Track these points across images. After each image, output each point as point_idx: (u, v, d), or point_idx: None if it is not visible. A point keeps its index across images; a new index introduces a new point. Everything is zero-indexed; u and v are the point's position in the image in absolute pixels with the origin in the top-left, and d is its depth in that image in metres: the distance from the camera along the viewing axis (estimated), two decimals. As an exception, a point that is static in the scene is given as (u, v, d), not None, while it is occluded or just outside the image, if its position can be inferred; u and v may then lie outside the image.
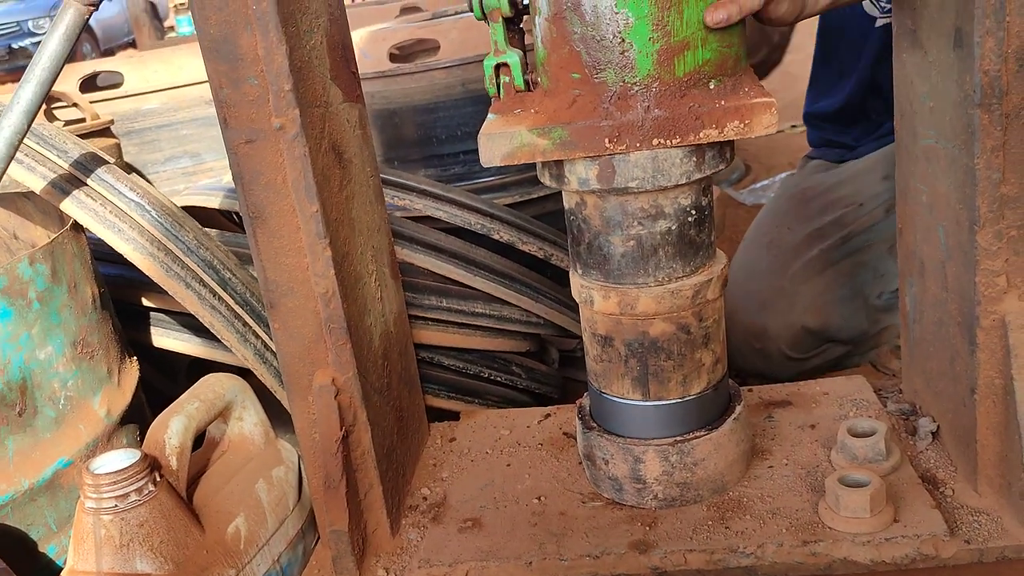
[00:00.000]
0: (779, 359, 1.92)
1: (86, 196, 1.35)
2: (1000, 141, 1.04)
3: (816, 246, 1.94)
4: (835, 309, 1.90)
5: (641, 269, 1.17)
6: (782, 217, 2.06)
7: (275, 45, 1.06)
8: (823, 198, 2.02)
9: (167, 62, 2.96)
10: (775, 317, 1.90)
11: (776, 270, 1.95)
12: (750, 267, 2.02)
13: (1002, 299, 1.10)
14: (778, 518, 1.19)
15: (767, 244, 2.02)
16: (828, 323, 1.90)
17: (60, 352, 1.25)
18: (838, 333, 1.92)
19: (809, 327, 1.89)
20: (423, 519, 1.32)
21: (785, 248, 1.97)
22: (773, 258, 1.98)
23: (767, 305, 1.92)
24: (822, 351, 1.95)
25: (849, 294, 1.92)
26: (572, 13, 1.06)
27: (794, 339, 1.90)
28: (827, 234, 1.95)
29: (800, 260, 1.94)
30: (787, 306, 1.90)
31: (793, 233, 1.99)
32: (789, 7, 1.19)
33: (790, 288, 1.91)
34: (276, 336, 1.21)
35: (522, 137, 1.09)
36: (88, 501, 1.08)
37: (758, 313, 1.91)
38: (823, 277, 1.92)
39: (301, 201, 1.13)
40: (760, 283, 1.95)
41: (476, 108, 2.45)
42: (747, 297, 1.94)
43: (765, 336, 1.91)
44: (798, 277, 1.92)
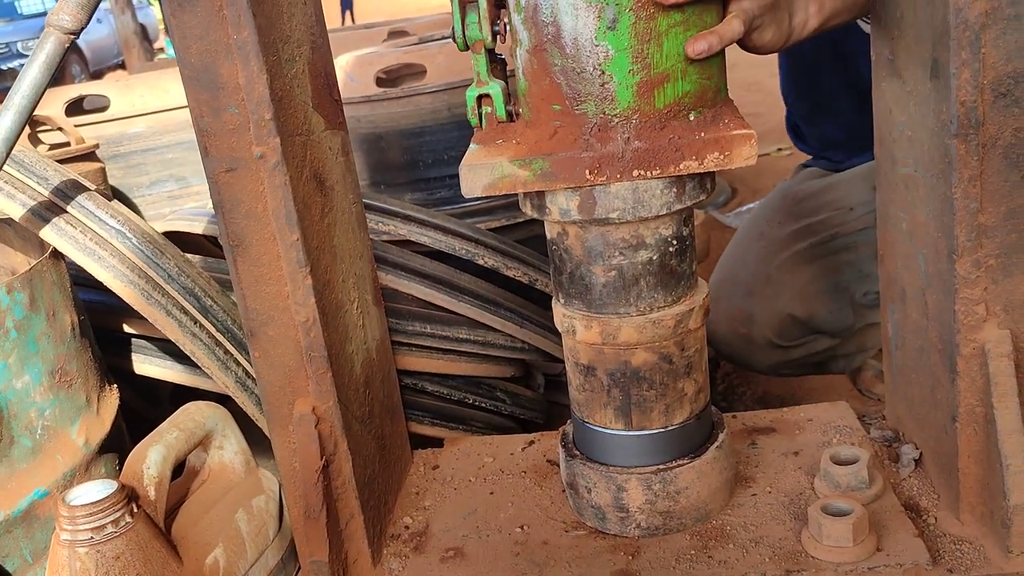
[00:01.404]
0: (764, 346, 1.92)
1: (66, 223, 1.34)
2: (977, 171, 1.04)
3: (805, 240, 1.95)
4: (821, 300, 1.91)
5: (623, 299, 1.17)
6: (773, 213, 2.07)
7: (256, 74, 1.06)
8: (815, 200, 2.03)
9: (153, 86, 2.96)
10: (761, 303, 1.90)
11: (763, 259, 1.96)
12: (738, 257, 2.03)
13: (981, 327, 1.10)
14: (761, 547, 1.19)
15: (756, 236, 2.03)
16: (814, 313, 1.91)
17: (38, 381, 1.24)
18: (823, 324, 1.92)
19: (795, 315, 1.90)
20: (405, 548, 1.30)
21: (773, 240, 1.98)
22: (761, 248, 1.98)
23: (753, 291, 1.92)
24: (807, 341, 1.95)
25: (834, 288, 1.92)
26: (552, 45, 1.06)
27: (780, 326, 1.90)
28: (815, 231, 1.96)
29: (788, 251, 1.95)
30: (773, 293, 1.91)
31: (782, 227, 2.00)
32: (775, 34, 1.19)
33: (777, 276, 1.92)
34: (256, 365, 1.20)
35: (503, 168, 1.09)
36: (63, 533, 1.07)
37: (744, 299, 1.92)
38: (810, 268, 1.92)
39: (282, 229, 1.13)
40: (746, 271, 1.96)
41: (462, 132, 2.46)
42: (733, 284, 1.95)
43: (751, 322, 1.91)
44: (785, 266, 1.93)
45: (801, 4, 1.20)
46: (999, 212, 1.06)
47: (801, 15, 1.21)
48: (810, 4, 1.21)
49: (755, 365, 2.02)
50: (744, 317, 1.92)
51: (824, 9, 1.23)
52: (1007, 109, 1.02)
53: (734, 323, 1.93)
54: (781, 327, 1.90)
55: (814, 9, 1.22)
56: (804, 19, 1.22)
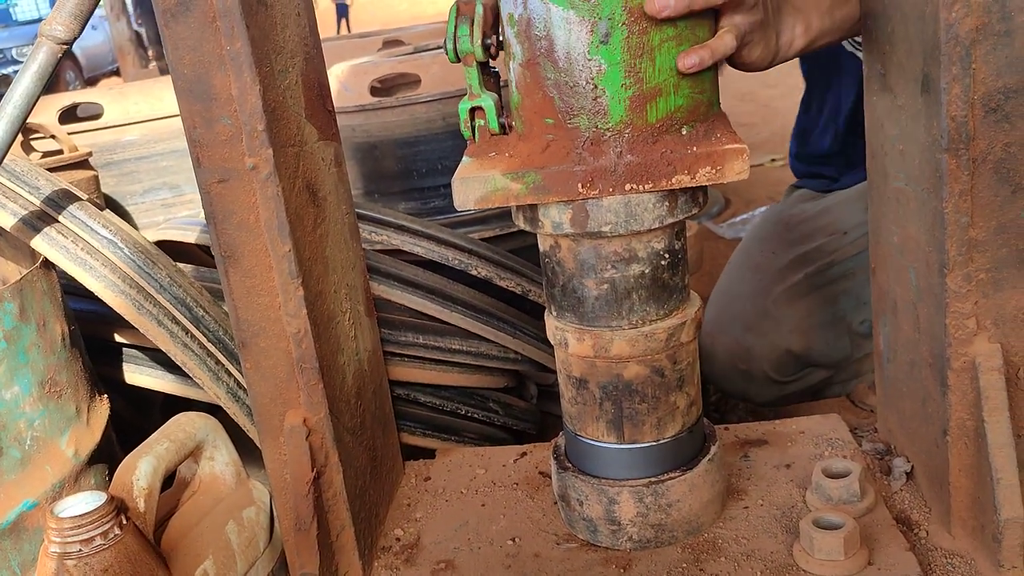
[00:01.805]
0: (763, 381, 1.93)
1: (57, 233, 1.34)
2: (968, 186, 1.05)
3: (800, 271, 1.95)
4: (818, 333, 1.91)
5: (615, 312, 1.17)
6: (766, 243, 2.07)
7: (248, 85, 1.06)
8: (808, 225, 2.03)
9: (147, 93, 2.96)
10: (760, 338, 1.90)
11: (760, 292, 1.96)
12: (734, 289, 2.03)
13: (972, 341, 1.10)
14: (752, 560, 1.19)
15: (751, 267, 2.03)
16: (811, 347, 1.91)
17: (27, 392, 1.23)
18: (821, 357, 1.93)
19: (793, 350, 1.90)
20: (396, 561, 1.30)
21: (769, 271, 1.98)
22: (757, 281, 1.99)
23: (752, 327, 1.92)
24: (804, 375, 1.96)
25: (832, 319, 1.92)
26: (545, 59, 1.07)
27: (778, 361, 1.90)
28: (811, 260, 1.97)
29: (784, 284, 1.95)
30: (771, 328, 1.91)
31: (777, 257, 2.00)
32: (763, 52, 1.20)
33: (774, 310, 1.92)
34: (248, 376, 1.20)
35: (496, 181, 1.09)
36: (52, 545, 1.06)
37: (743, 334, 1.92)
38: (806, 301, 1.93)
39: (274, 241, 1.13)
40: (744, 305, 1.96)
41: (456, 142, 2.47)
42: (732, 319, 1.95)
43: (749, 357, 1.91)
44: (782, 300, 1.93)
45: (788, 24, 1.21)
46: (990, 226, 1.06)
47: (787, 35, 1.23)
48: (796, 24, 1.22)
49: (752, 399, 2.02)
50: (743, 353, 1.92)
51: (811, 30, 1.24)
52: (997, 124, 1.02)
53: (733, 359, 1.93)
54: (779, 362, 1.90)
55: (800, 29, 1.23)
56: (790, 39, 1.23)
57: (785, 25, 1.21)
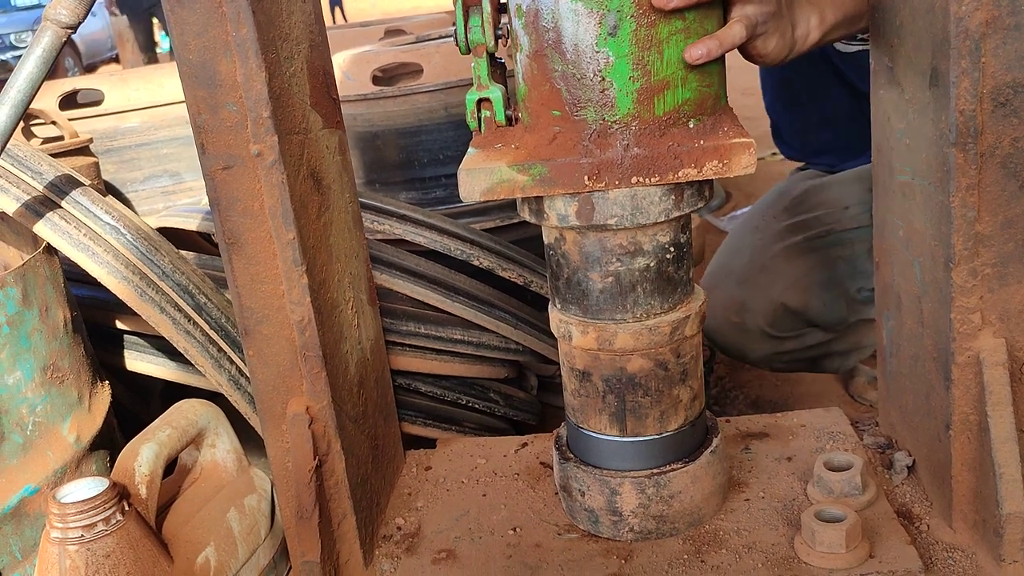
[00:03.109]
0: (757, 335, 1.92)
1: (60, 219, 1.33)
2: (975, 180, 1.04)
3: (799, 233, 1.96)
4: (815, 291, 1.91)
5: (619, 305, 1.17)
6: (768, 209, 2.08)
7: (254, 72, 1.06)
8: (810, 198, 2.04)
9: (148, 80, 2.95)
10: (755, 292, 1.90)
11: (758, 249, 1.96)
12: (733, 248, 2.04)
13: (977, 336, 1.10)
14: (754, 552, 1.19)
15: (751, 229, 2.04)
16: (808, 303, 1.91)
17: (29, 377, 1.23)
18: (817, 316, 1.92)
19: (788, 305, 1.90)
20: (397, 550, 1.30)
21: (768, 232, 1.99)
22: (756, 240, 1.99)
23: (747, 280, 1.92)
24: (801, 334, 1.95)
25: (828, 281, 1.92)
26: (553, 51, 1.06)
27: (773, 315, 1.90)
28: (810, 226, 1.97)
29: (782, 243, 1.95)
30: (767, 282, 1.91)
31: (777, 221, 2.01)
32: (779, 44, 1.19)
33: (771, 265, 1.92)
34: (250, 363, 1.20)
35: (502, 173, 1.09)
36: (54, 531, 1.06)
37: (737, 288, 1.92)
38: (804, 260, 1.93)
39: (278, 228, 1.12)
40: (740, 260, 1.96)
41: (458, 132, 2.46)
42: (727, 274, 1.95)
43: (744, 310, 1.91)
44: (779, 256, 1.93)
45: (803, 16, 1.21)
46: (996, 221, 1.06)
47: (803, 27, 1.22)
48: (812, 16, 1.22)
49: (748, 355, 2.02)
50: (737, 306, 1.92)
51: (825, 22, 1.23)
52: (1006, 119, 1.02)
53: (727, 312, 1.93)
54: (774, 317, 1.90)
55: (815, 22, 1.23)
56: (806, 31, 1.23)
57: (800, 18, 1.20)
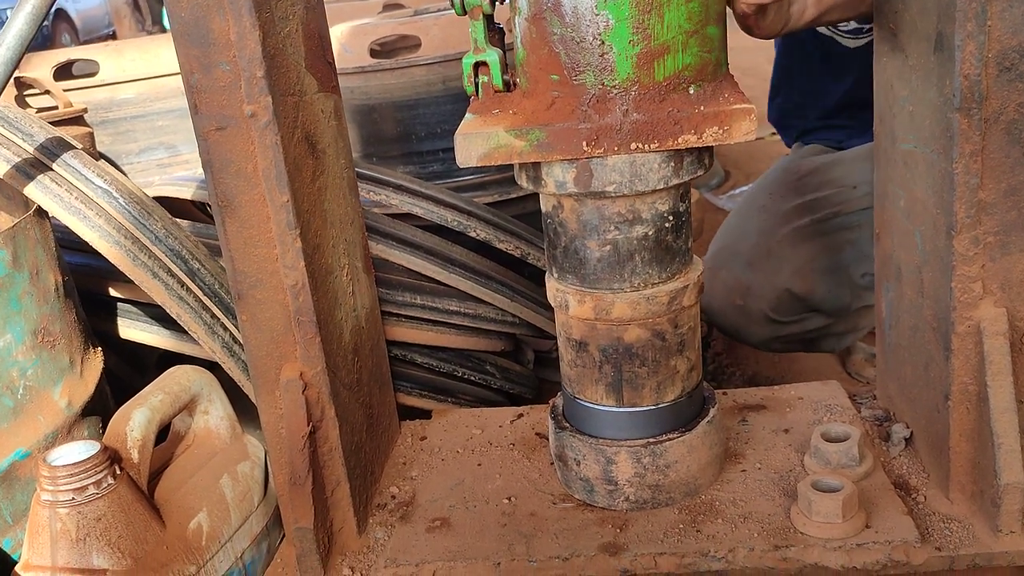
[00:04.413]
0: (759, 319, 1.92)
1: (51, 181, 1.31)
2: (979, 146, 1.03)
3: (806, 215, 1.94)
4: (820, 277, 1.90)
5: (617, 274, 1.16)
6: (774, 186, 2.06)
7: (248, 30, 1.04)
8: (818, 176, 2.02)
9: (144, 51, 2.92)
10: (760, 276, 1.89)
11: (764, 231, 1.95)
12: (738, 227, 2.02)
13: (978, 305, 1.09)
14: (750, 522, 1.18)
15: (757, 208, 2.02)
16: (812, 290, 1.90)
17: (20, 340, 1.21)
18: (821, 303, 1.92)
19: (793, 291, 1.89)
20: (391, 518, 1.29)
21: (775, 213, 1.97)
22: (762, 220, 1.97)
23: (753, 264, 1.91)
24: (802, 319, 1.95)
25: (833, 266, 1.91)
26: (552, 14, 1.04)
27: (778, 301, 1.89)
28: (818, 207, 1.95)
29: (789, 225, 1.93)
30: (773, 267, 1.90)
31: (784, 201, 1.99)
32: (775, 16, 1.19)
33: (777, 250, 1.91)
34: (243, 328, 1.18)
35: (499, 138, 1.07)
36: (44, 494, 1.05)
37: (743, 271, 1.91)
38: (811, 245, 1.91)
39: (272, 191, 1.11)
40: (747, 242, 1.95)
41: (456, 105, 2.44)
42: (733, 255, 1.94)
43: (748, 294, 1.90)
44: (786, 241, 1.92)
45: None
46: (999, 188, 1.05)
47: (800, 3, 1.21)
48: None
49: (748, 338, 2.01)
50: (742, 289, 1.91)
51: (822, 2, 1.22)
52: (1011, 84, 1.01)
53: (731, 294, 1.92)
54: (778, 302, 1.89)
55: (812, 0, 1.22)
56: (802, 8, 1.23)
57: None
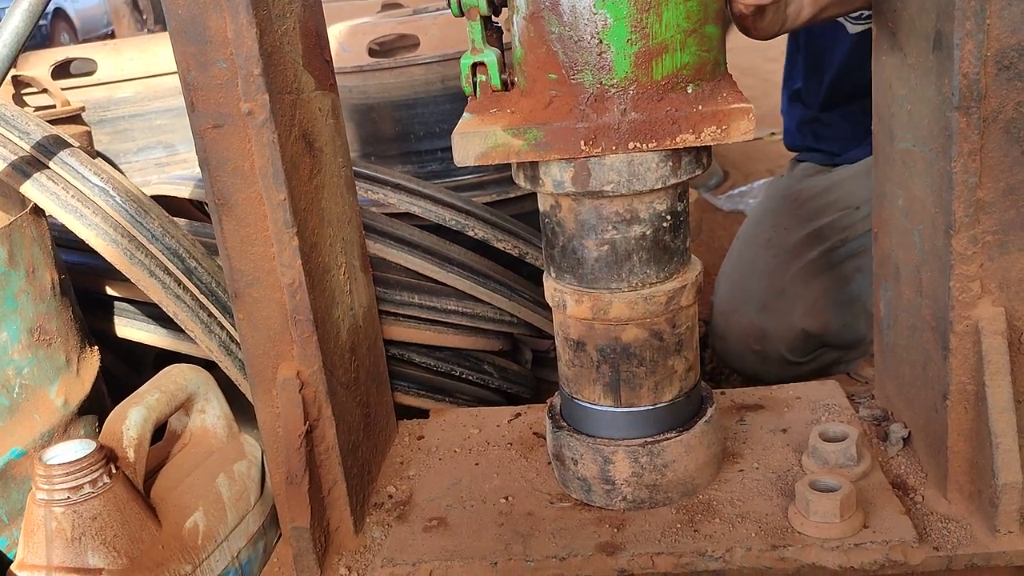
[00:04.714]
0: (777, 362, 1.91)
1: (48, 179, 1.31)
2: (977, 145, 1.03)
3: (816, 247, 1.93)
4: (834, 313, 1.89)
5: (615, 274, 1.15)
6: (778, 217, 2.05)
7: (245, 27, 1.04)
8: (819, 200, 2.01)
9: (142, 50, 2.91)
10: (775, 319, 1.88)
11: (775, 270, 1.93)
12: (747, 266, 2.00)
13: (976, 304, 1.09)
14: (747, 522, 1.18)
15: (764, 243, 2.01)
16: (827, 327, 1.89)
17: (16, 338, 1.21)
18: (836, 338, 1.91)
19: (809, 330, 1.88)
20: (388, 517, 1.29)
21: (784, 248, 1.96)
22: (771, 258, 1.96)
23: (767, 307, 1.90)
24: (818, 356, 1.94)
25: (847, 299, 1.90)
26: (550, 12, 1.04)
27: (793, 342, 1.88)
28: (824, 236, 1.94)
29: (800, 261, 1.92)
30: (787, 308, 1.89)
31: (789, 233, 1.98)
32: (772, 17, 1.19)
33: (790, 290, 1.90)
34: (240, 327, 1.18)
35: (497, 137, 1.07)
36: (39, 492, 1.05)
37: (757, 315, 1.90)
38: (822, 280, 1.90)
39: (269, 189, 1.11)
40: (759, 283, 1.94)
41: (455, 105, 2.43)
42: (746, 298, 1.92)
43: (765, 338, 1.89)
44: (798, 279, 1.91)
45: None
46: (998, 187, 1.05)
47: (796, 3, 1.22)
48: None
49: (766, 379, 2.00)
50: (758, 333, 1.89)
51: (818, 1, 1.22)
52: (1010, 83, 1.00)
53: (747, 339, 1.90)
54: (795, 343, 1.88)
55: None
56: (799, 7, 1.23)
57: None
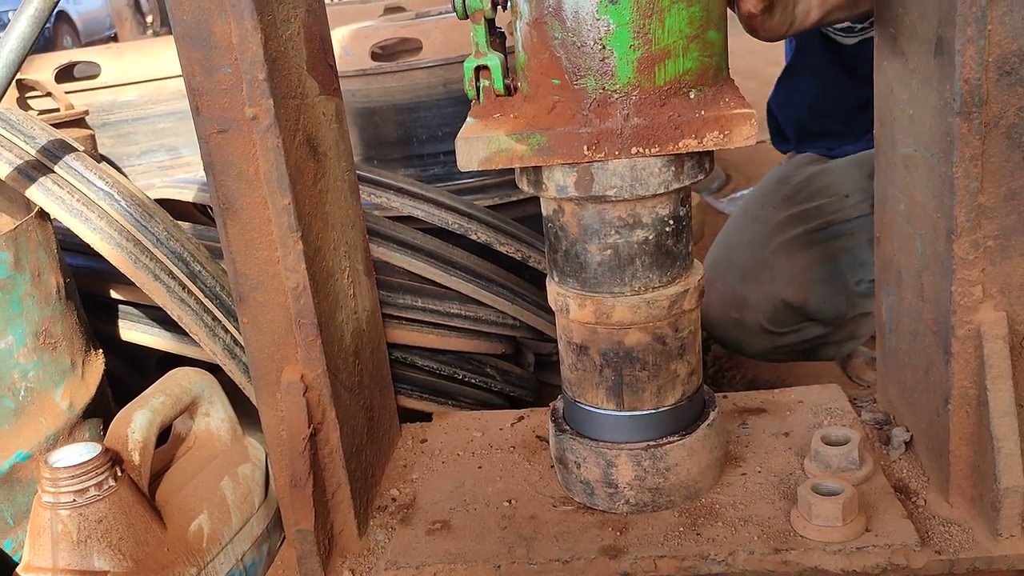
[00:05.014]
0: (756, 330, 1.92)
1: (53, 184, 1.32)
2: (979, 150, 1.03)
3: (799, 226, 1.94)
4: (815, 287, 1.90)
5: (617, 278, 1.16)
6: (768, 197, 2.06)
7: (250, 33, 1.04)
8: (810, 185, 2.02)
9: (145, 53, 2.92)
10: (755, 288, 1.90)
11: (758, 242, 1.95)
12: (732, 239, 2.02)
13: (978, 309, 1.09)
14: (750, 525, 1.18)
15: (751, 219, 2.02)
16: (807, 300, 1.90)
17: (21, 342, 1.22)
18: (817, 312, 1.92)
19: (788, 301, 1.89)
20: (391, 520, 1.29)
21: (769, 224, 1.97)
22: (756, 232, 1.98)
23: (748, 276, 1.91)
24: (799, 328, 1.95)
25: (828, 275, 1.92)
26: (553, 18, 1.04)
27: (773, 312, 1.90)
28: (811, 216, 1.96)
29: (783, 236, 1.94)
30: (768, 278, 1.90)
31: (777, 212, 1.99)
32: (780, 18, 1.20)
33: (772, 260, 1.91)
34: (245, 330, 1.19)
35: (500, 142, 1.07)
36: (45, 495, 1.05)
37: (738, 283, 1.91)
38: (805, 254, 1.92)
39: (273, 193, 1.11)
40: (741, 254, 1.95)
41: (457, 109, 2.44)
42: (728, 267, 1.94)
43: (744, 306, 1.90)
44: (780, 251, 1.92)
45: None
46: (999, 193, 1.05)
47: (804, 4, 1.22)
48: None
49: (745, 349, 2.02)
50: (738, 301, 1.91)
51: (826, 3, 1.23)
52: (1011, 88, 1.01)
53: (727, 306, 1.92)
54: (774, 313, 1.89)
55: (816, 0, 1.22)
56: (807, 8, 1.23)
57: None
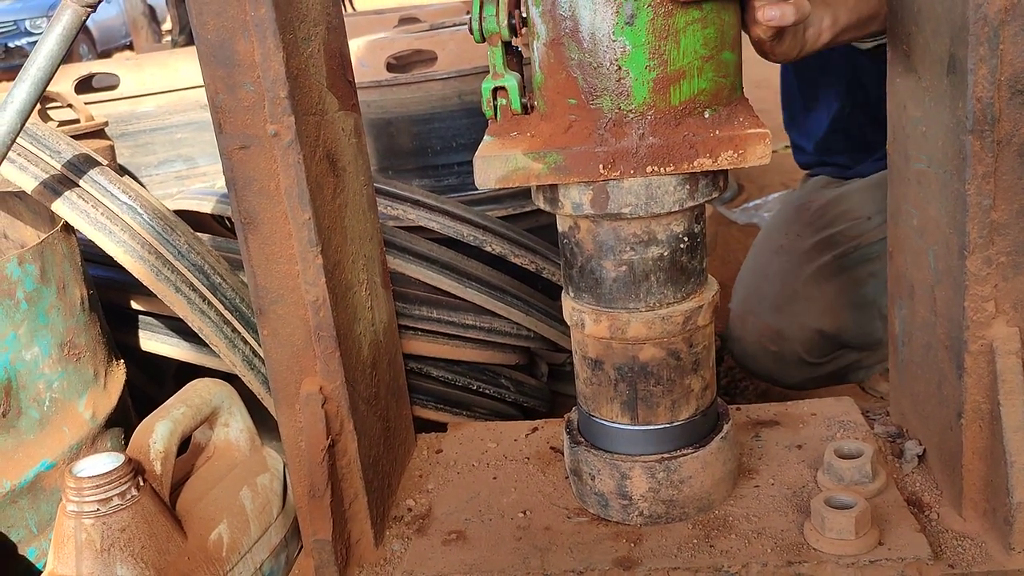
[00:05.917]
0: (794, 362, 1.92)
1: (78, 197, 1.34)
2: (991, 168, 1.04)
3: (827, 253, 1.95)
4: (848, 314, 1.91)
5: (632, 294, 1.17)
6: (790, 225, 2.06)
7: (272, 51, 1.06)
8: (831, 210, 2.02)
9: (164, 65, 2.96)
10: (790, 320, 1.90)
11: (788, 273, 1.95)
12: (761, 270, 2.02)
13: (990, 324, 1.10)
14: (763, 538, 1.19)
15: (776, 249, 2.02)
16: (842, 327, 1.90)
17: (47, 353, 1.24)
18: (852, 339, 1.92)
19: (824, 331, 1.89)
20: (407, 530, 1.31)
21: (795, 253, 1.97)
22: (784, 262, 1.98)
23: (781, 308, 1.91)
24: (836, 357, 1.95)
25: (860, 301, 1.92)
26: (570, 39, 1.06)
27: (810, 343, 1.90)
28: (836, 243, 1.96)
29: (812, 266, 1.94)
30: (802, 309, 1.90)
31: (802, 240, 1.99)
32: (791, 41, 1.21)
33: (803, 291, 1.91)
34: (265, 343, 1.20)
35: (517, 160, 1.09)
36: (70, 504, 1.07)
37: (772, 316, 1.91)
38: (836, 282, 1.92)
39: (294, 208, 1.13)
40: (772, 286, 1.95)
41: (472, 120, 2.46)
42: (760, 300, 1.94)
43: (781, 339, 1.90)
44: (810, 281, 1.92)
45: (816, 16, 1.22)
46: (1012, 209, 1.06)
47: (815, 27, 1.24)
48: (824, 17, 1.23)
49: (783, 381, 2.01)
50: (773, 334, 1.90)
51: (837, 23, 1.25)
52: (1023, 107, 1.02)
53: (763, 340, 1.91)
54: (811, 344, 1.89)
55: (828, 23, 1.24)
56: (818, 31, 1.24)
57: (814, 17, 1.21)
